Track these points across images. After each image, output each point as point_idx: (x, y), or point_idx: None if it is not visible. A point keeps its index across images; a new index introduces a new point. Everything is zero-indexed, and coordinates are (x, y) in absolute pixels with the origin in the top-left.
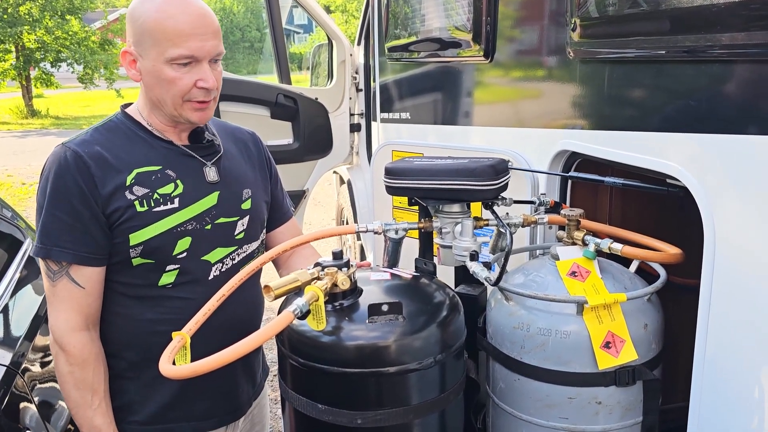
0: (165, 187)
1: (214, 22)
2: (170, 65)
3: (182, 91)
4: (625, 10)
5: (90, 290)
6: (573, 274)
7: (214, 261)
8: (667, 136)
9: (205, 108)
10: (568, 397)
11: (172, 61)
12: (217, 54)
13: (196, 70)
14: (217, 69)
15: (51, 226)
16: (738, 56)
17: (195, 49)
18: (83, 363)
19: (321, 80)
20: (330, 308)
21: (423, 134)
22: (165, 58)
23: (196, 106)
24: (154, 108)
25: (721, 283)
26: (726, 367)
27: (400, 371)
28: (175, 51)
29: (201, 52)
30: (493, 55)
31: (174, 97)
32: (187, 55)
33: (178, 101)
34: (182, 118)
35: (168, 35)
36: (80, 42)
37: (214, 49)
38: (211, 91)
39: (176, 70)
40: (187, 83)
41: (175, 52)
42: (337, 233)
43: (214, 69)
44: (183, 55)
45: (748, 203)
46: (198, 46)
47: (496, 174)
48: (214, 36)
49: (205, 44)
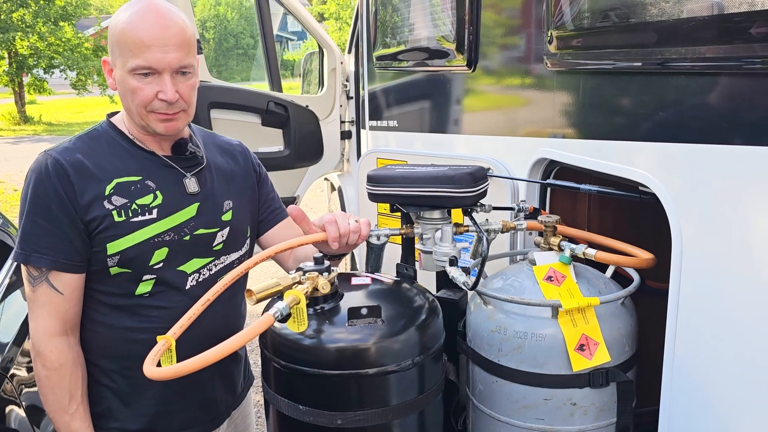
0: (143, 198)
1: (179, 34)
2: (133, 75)
3: (143, 101)
4: (598, 23)
5: (69, 296)
6: (549, 278)
7: (190, 271)
8: (637, 145)
9: (171, 119)
10: (543, 398)
11: (132, 71)
12: (180, 66)
13: (157, 82)
14: (187, 82)
15: (30, 232)
16: (707, 69)
17: (153, 61)
18: (60, 368)
19: (312, 88)
20: (311, 312)
21: (410, 142)
22: (127, 68)
23: (160, 117)
24: (129, 117)
25: (688, 287)
26: (694, 369)
27: (380, 373)
28: (135, 61)
29: (160, 63)
30: (475, 64)
31: (137, 107)
32: (145, 66)
33: (142, 111)
34: (150, 129)
35: (129, 45)
36: (73, 48)
37: (177, 61)
38: (175, 103)
39: (138, 81)
40: (147, 94)
41: (134, 63)
42: (318, 240)
43: (182, 82)
44: (141, 66)
45: (712, 209)
46: (157, 57)
47: (475, 181)
48: (178, 48)
49: (165, 56)
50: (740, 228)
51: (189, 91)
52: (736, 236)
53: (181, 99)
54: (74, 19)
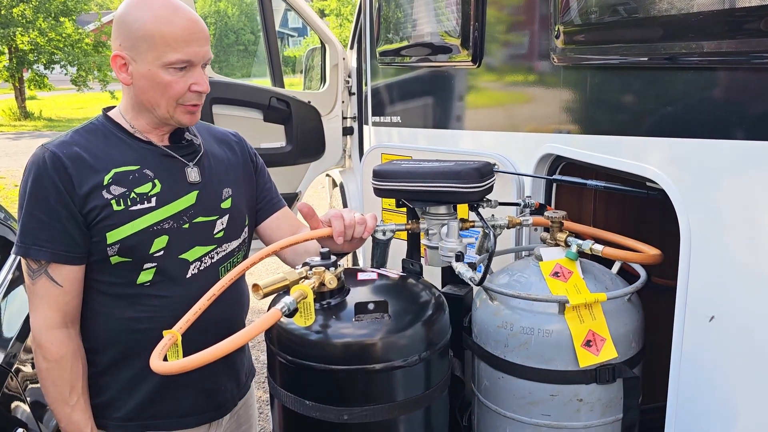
0: (142, 187)
1: (205, 28)
2: (166, 69)
3: (178, 94)
4: (606, 18)
5: (68, 288)
6: (556, 274)
7: (191, 259)
8: (646, 140)
9: (196, 111)
10: (550, 394)
11: (169, 65)
12: (208, 59)
13: (190, 74)
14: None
15: (29, 225)
16: (715, 63)
17: (192, 54)
18: (60, 360)
19: (314, 84)
20: (317, 307)
21: (413, 138)
22: (162, 62)
23: (189, 109)
24: (143, 111)
25: (697, 283)
26: (702, 366)
27: (386, 368)
28: (174, 56)
29: (197, 57)
30: (481, 60)
31: (169, 100)
32: (185, 60)
33: (172, 104)
34: (173, 121)
35: (167, 40)
36: (74, 44)
37: (207, 54)
38: (204, 94)
39: (172, 74)
40: (183, 87)
41: (174, 57)
42: (323, 235)
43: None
44: (181, 60)
45: (722, 205)
46: (194, 51)
47: (481, 177)
48: (207, 42)
49: (200, 49)
50: (749, 224)
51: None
52: (745, 233)
53: None
54: (75, 14)
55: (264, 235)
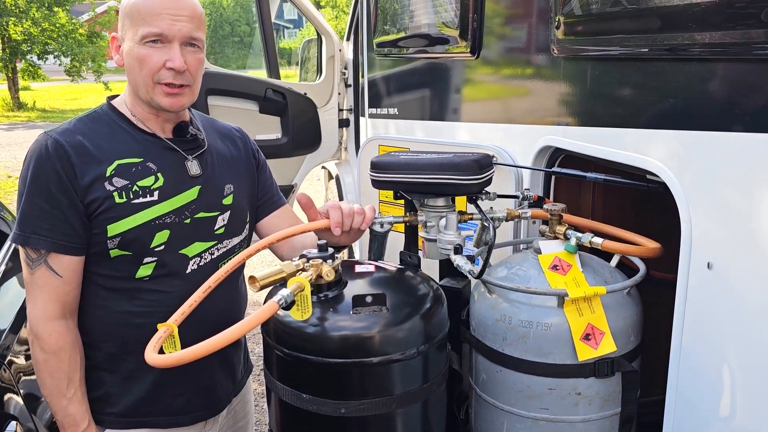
0: (145, 180)
1: (191, 7)
2: (143, 44)
3: (152, 70)
4: (607, 9)
5: (68, 279)
6: (554, 267)
7: (191, 255)
8: (646, 132)
9: (176, 94)
10: (548, 388)
11: (143, 39)
12: (190, 38)
13: (166, 50)
14: (195, 55)
15: (30, 213)
16: (716, 55)
17: (165, 27)
18: (58, 351)
19: (310, 75)
20: (315, 299)
21: (410, 130)
22: (138, 36)
23: (166, 90)
24: (135, 95)
25: (697, 277)
26: (701, 360)
27: (384, 361)
28: (146, 29)
29: (170, 30)
30: (479, 51)
31: (145, 77)
32: (156, 33)
33: (149, 82)
34: (154, 104)
35: (142, 14)
36: (67, 34)
37: (187, 31)
38: (182, 74)
39: (147, 49)
40: (156, 62)
41: (146, 30)
42: (321, 227)
43: (190, 54)
44: (152, 33)
45: (723, 199)
46: (168, 24)
47: (480, 169)
48: (189, 20)
49: (175, 24)
50: (751, 218)
51: (196, 65)
52: (746, 226)
53: (188, 72)
54: (68, 4)
55: (263, 233)
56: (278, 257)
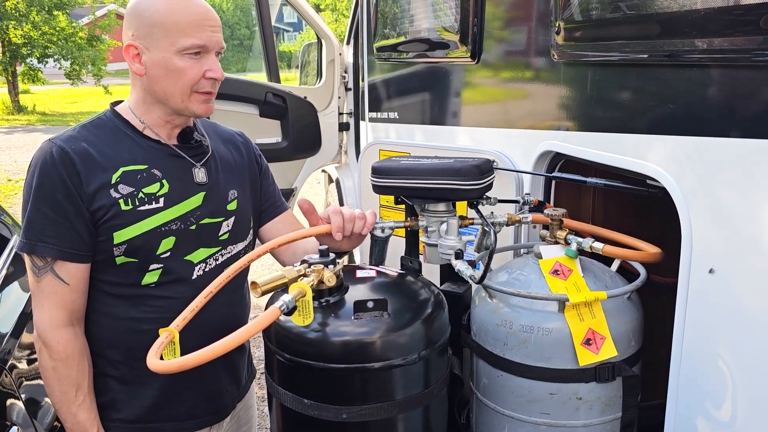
0: (150, 187)
1: (217, 16)
2: (181, 56)
3: (192, 80)
4: (607, 14)
5: (74, 286)
6: (555, 272)
7: (197, 261)
8: (646, 137)
9: (209, 99)
10: (549, 392)
11: (183, 51)
12: (221, 47)
13: (204, 61)
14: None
15: (36, 221)
16: (716, 61)
17: (207, 39)
18: (67, 359)
19: (310, 79)
20: (316, 305)
21: (411, 134)
22: (176, 48)
23: (202, 98)
24: (156, 103)
25: (698, 281)
26: (702, 364)
27: (385, 367)
28: (188, 41)
29: (211, 41)
30: (479, 56)
31: (183, 87)
32: (200, 45)
33: (186, 92)
34: (188, 111)
35: (181, 26)
36: (67, 38)
37: (220, 41)
38: (218, 81)
39: (186, 61)
40: (197, 73)
41: (188, 42)
42: (322, 232)
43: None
44: (196, 45)
45: (723, 203)
46: (208, 36)
47: (481, 174)
48: (220, 29)
49: (214, 35)
50: (751, 223)
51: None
52: (747, 231)
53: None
54: (68, 8)
55: (265, 238)
56: (279, 263)
